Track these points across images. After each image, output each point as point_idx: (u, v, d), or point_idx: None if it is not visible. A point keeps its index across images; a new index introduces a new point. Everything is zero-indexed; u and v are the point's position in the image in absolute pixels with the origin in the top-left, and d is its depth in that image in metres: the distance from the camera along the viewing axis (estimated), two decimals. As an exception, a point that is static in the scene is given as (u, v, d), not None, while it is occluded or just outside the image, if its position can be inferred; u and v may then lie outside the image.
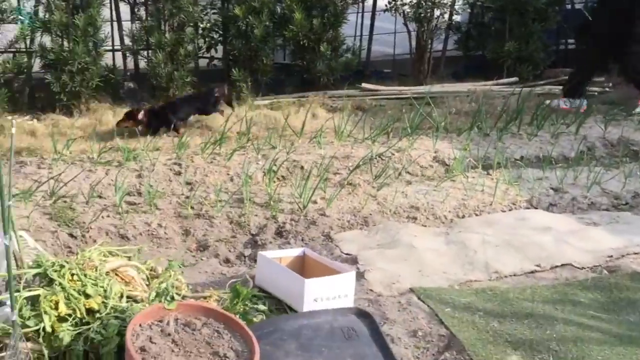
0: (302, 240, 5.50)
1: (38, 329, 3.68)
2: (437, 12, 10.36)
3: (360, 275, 4.73)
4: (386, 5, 10.65)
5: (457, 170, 6.86)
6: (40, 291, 3.84)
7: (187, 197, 6.10)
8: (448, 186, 6.54)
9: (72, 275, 3.95)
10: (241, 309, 4.12)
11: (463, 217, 5.99)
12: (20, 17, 8.81)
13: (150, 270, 4.57)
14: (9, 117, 8.30)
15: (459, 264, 5.04)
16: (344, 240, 5.41)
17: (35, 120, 8.43)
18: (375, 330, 4.00)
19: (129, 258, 4.66)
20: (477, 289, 4.70)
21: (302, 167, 6.81)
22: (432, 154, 7.24)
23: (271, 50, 9.99)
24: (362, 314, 4.12)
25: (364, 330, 4.00)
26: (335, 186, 6.42)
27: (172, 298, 3.93)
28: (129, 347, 3.38)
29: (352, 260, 5.02)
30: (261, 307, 4.23)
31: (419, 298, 4.50)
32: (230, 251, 5.45)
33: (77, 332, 3.73)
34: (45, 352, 3.67)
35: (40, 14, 8.92)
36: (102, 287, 3.95)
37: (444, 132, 7.93)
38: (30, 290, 3.86)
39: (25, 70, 8.88)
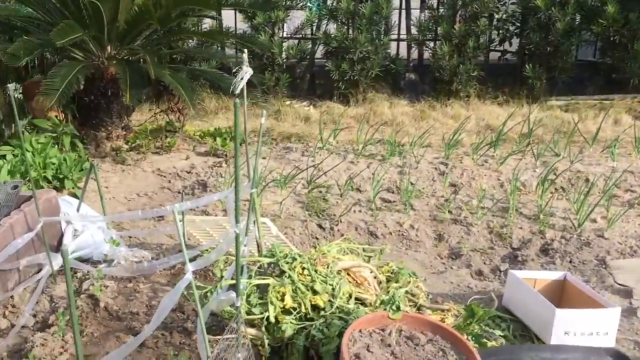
0: (570, 262, 5.03)
1: (262, 318, 3.82)
2: None
3: (631, 312, 4.19)
4: None
5: None
6: (270, 281, 3.99)
7: (447, 200, 5.95)
8: None
9: (303, 269, 4.05)
10: (475, 330, 3.87)
11: None
12: (309, 4, 9.40)
13: (390, 273, 4.51)
14: (287, 102, 8.92)
15: None
16: (621, 269, 4.83)
17: (311, 106, 8.95)
18: (634, 381, 3.50)
19: (369, 257, 4.67)
20: None
21: (586, 180, 6.28)
22: None
23: (574, 46, 9.43)
24: (620, 357, 3.62)
25: (620, 378, 3.52)
26: (623, 205, 5.79)
27: (398, 308, 3.82)
28: (343, 351, 3.35)
29: (626, 294, 4.46)
30: (497, 332, 3.93)
31: (703, 352, 3.84)
32: (484, 263, 5.19)
33: (300, 326, 3.81)
34: (266, 341, 3.80)
35: (329, 1, 9.41)
36: (331, 285, 3.99)
37: None
38: (260, 279, 4.04)
39: (307, 57, 9.46)
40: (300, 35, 9.62)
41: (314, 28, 9.57)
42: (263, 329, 3.83)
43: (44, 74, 8.23)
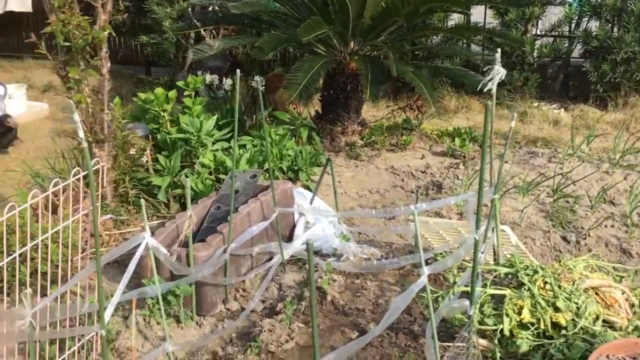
0: None
1: (496, 329, 3.76)
2: None
3: None
4: None
5: None
6: (507, 292, 3.91)
7: None
8: None
9: (545, 283, 3.93)
10: None
11: None
12: (569, 0, 9.06)
13: (645, 296, 4.22)
14: (535, 104, 8.67)
15: None
16: None
17: (562, 109, 8.63)
18: None
19: (621, 278, 4.40)
20: None
21: None
22: None
23: None
24: None
25: None
26: None
27: (663, 334, 3.57)
28: (586, 374, 3.21)
29: None
30: None
31: None
32: None
33: (537, 343, 3.69)
34: (498, 354, 3.73)
35: (593, -3, 9.02)
36: (576, 303, 3.82)
37: None
38: (496, 289, 3.97)
39: (562, 56, 9.10)
40: (556, 33, 9.31)
41: (572, 25, 9.21)
42: (496, 341, 3.77)
43: (285, 66, 8.71)
